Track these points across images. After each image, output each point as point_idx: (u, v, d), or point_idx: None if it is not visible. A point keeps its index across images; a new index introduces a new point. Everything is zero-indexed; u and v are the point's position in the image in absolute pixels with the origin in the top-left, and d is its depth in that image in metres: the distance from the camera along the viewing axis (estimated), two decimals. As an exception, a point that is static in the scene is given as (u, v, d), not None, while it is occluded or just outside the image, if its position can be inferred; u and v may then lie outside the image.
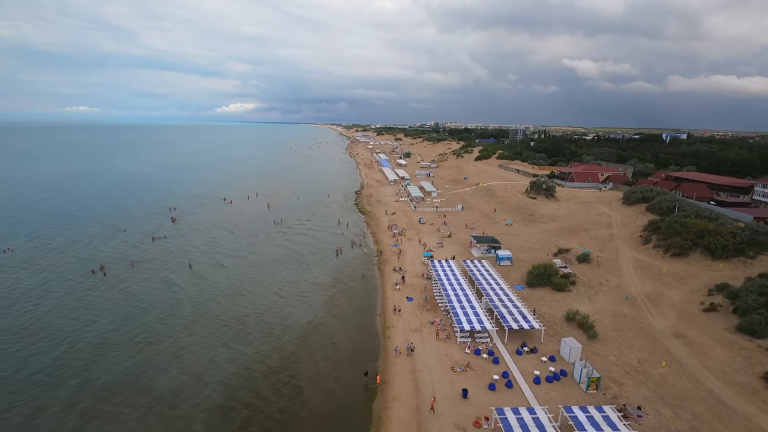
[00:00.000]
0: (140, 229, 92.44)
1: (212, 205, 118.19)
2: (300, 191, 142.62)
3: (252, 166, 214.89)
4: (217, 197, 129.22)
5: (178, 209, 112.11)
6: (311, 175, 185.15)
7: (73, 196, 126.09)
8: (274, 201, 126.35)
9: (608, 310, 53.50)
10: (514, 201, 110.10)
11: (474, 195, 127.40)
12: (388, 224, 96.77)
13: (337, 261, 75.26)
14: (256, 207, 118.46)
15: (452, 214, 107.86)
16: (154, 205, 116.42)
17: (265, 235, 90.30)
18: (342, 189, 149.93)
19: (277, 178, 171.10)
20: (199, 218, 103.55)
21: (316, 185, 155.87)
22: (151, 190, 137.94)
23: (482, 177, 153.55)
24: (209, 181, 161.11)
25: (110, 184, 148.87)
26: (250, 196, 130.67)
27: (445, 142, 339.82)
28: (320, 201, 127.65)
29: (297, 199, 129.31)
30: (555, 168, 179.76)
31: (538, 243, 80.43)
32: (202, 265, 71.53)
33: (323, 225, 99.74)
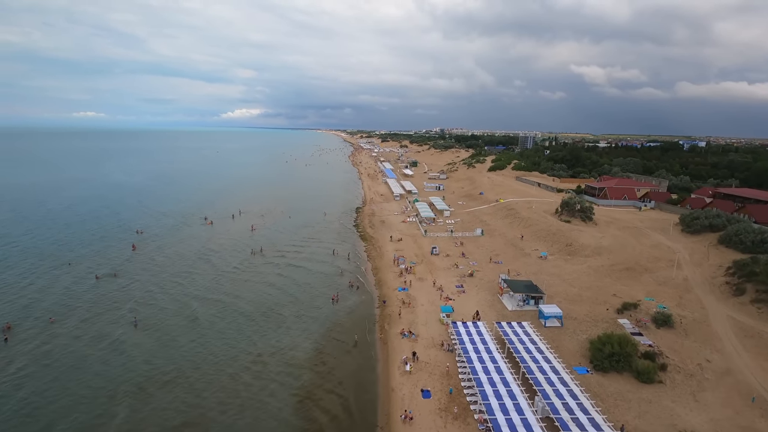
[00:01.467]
0: (90, 261, 74.74)
1: (188, 227, 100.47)
2: (293, 208, 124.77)
3: (246, 176, 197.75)
4: (198, 215, 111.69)
5: (147, 232, 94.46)
6: (309, 187, 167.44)
7: (33, 212, 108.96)
8: (261, 221, 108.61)
9: (734, 424, 34.62)
10: (544, 224, 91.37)
11: (494, 215, 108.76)
12: (393, 257, 78.34)
13: (325, 313, 56.96)
14: (240, 229, 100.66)
15: (471, 241, 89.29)
16: (121, 226, 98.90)
17: (238, 273, 72.22)
18: (341, 205, 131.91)
19: (271, 192, 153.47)
20: (165, 245, 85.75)
21: (312, 200, 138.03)
22: (126, 207, 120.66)
23: (499, 192, 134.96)
24: (195, 195, 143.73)
25: (86, 197, 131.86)
26: (236, 215, 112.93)
27: (453, 150, 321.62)
28: (315, 221, 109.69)
29: (288, 219, 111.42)
30: (579, 181, 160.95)
31: (588, 288, 61.65)
32: (142, 327, 53.47)
33: (314, 256, 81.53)
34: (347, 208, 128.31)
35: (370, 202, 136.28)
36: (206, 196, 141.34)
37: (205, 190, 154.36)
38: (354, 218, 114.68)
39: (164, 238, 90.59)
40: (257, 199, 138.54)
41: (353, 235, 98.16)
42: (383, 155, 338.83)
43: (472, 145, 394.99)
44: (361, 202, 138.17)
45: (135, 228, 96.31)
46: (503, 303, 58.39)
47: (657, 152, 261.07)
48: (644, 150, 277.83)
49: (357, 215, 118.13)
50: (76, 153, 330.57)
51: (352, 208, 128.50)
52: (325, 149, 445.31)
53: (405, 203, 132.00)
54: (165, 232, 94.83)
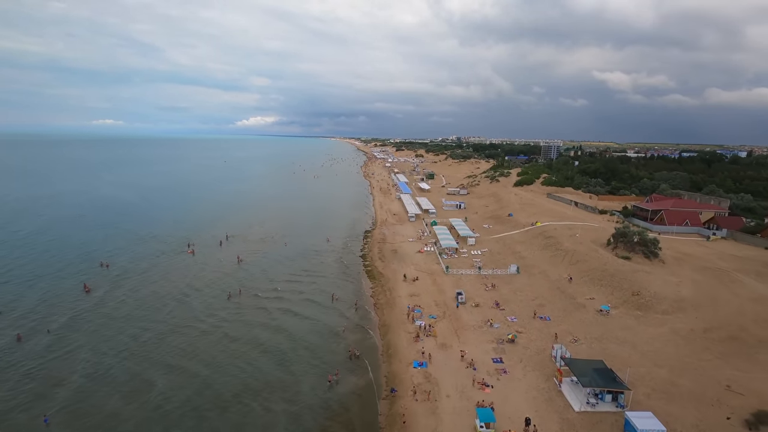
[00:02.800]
0: (24, 308, 60.34)
1: (164, 257, 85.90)
2: (292, 231, 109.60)
3: (246, 190, 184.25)
4: (181, 241, 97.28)
5: (114, 265, 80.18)
6: (313, 204, 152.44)
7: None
8: (253, 248, 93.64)
9: None
10: (597, 261, 73.77)
11: (529, 244, 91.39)
12: (407, 308, 61.84)
13: (313, 405, 40.78)
14: (225, 259, 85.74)
15: (504, 281, 72.25)
16: (85, 257, 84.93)
17: (206, 326, 56.74)
18: (348, 227, 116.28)
19: (270, 210, 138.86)
20: (128, 283, 71.10)
21: (315, 221, 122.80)
22: (102, 229, 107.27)
23: (531, 212, 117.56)
24: (184, 214, 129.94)
25: (61, 218, 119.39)
26: (223, 241, 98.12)
27: (472, 161, 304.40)
28: (316, 249, 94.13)
29: (284, 246, 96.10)
30: (620, 199, 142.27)
31: (683, 369, 44.15)
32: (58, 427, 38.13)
33: (308, 302, 65.70)
34: (355, 231, 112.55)
35: (382, 223, 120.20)
36: (196, 215, 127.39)
37: (197, 207, 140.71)
38: (362, 245, 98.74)
39: (131, 273, 75.98)
40: (253, 219, 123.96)
41: (359, 268, 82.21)
42: (397, 165, 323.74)
43: (491, 155, 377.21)
44: (371, 224, 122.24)
45: (101, 259, 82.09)
46: (565, 397, 41.21)
47: (699, 164, 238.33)
48: (684, 162, 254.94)
49: (365, 241, 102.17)
50: (77, 163, 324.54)
51: (361, 231, 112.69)
52: (337, 159, 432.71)
53: (421, 226, 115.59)
54: (135, 265, 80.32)
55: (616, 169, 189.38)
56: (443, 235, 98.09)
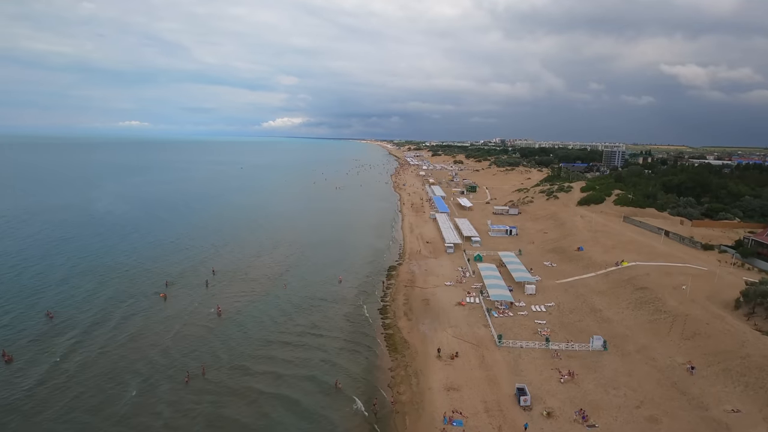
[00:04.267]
0: None
1: (130, 302, 72.59)
2: (296, 267, 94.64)
3: (255, 206, 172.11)
4: (158, 278, 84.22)
5: (62, 313, 67.49)
6: (329, 226, 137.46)
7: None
8: (242, 291, 79.30)
9: None
10: (727, 339, 53.63)
11: (615, 298, 71.64)
12: (442, 420, 44.29)
13: None
14: (203, 307, 71.51)
15: (585, 362, 53.33)
16: (33, 298, 72.92)
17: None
18: (367, 261, 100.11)
19: (275, 234, 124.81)
20: (61, 346, 57.56)
21: (327, 251, 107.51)
22: (70, 255, 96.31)
23: (607, 245, 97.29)
24: (173, 237, 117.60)
25: (31, 236, 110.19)
26: (209, 280, 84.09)
27: (521, 169, 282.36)
28: (321, 295, 78.46)
29: (283, 289, 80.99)
30: (722, 225, 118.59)
31: None
32: None
33: (301, 391, 49.47)
34: (376, 266, 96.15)
35: (411, 256, 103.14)
36: (187, 239, 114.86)
37: (191, 228, 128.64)
38: (383, 289, 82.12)
39: (74, 329, 62.67)
40: (251, 246, 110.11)
41: (377, 327, 65.74)
42: (433, 174, 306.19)
43: (543, 162, 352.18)
44: (398, 255, 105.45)
45: (48, 306, 69.59)
46: None
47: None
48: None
49: (389, 283, 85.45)
50: (86, 169, 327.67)
51: (383, 267, 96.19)
52: (365, 165, 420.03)
53: (462, 261, 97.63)
54: (85, 316, 67.22)
55: (708, 183, 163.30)
56: (492, 279, 79.73)
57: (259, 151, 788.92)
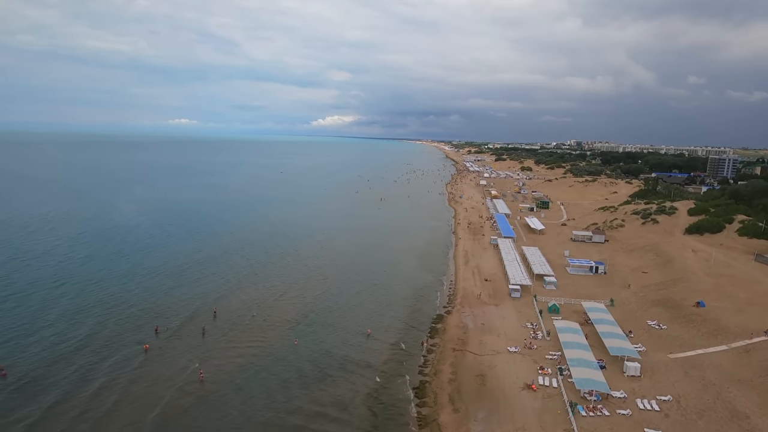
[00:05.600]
0: None
1: (104, 352, 62.90)
2: (315, 312, 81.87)
3: (285, 221, 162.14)
4: (148, 319, 74.59)
5: (19, 366, 58.69)
6: (366, 252, 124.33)
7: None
8: (242, 344, 67.92)
9: None
10: None
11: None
12: None
13: None
14: (186, 368, 60.06)
15: None
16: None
17: None
18: (407, 305, 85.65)
19: (302, 262, 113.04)
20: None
21: (359, 287, 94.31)
22: (56, 287, 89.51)
23: (734, 294, 76.42)
24: (181, 265, 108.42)
25: (38, 260, 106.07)
26: (206, 328, 72.87)
27: (603, 180, 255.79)
28: (339, 358, 64.94)
29: (293, 345, 68.16)
30: None
31: None
32: None
33: None
34: (418, 314, 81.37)
35: (464, 300, 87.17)
36: (197, 267, 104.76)
37: (206, 251, 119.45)
38: (424, 350, 67.20)
39: (27, 394, 53.09)
40: (268, 279, 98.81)
41: (409, 417, 51.14)
42: (496, 183, 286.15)
43: (631, 170, 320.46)
44: (447, 299, 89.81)
45: (2, 359, 61.05)
46: None
47: None
48: None
49: (431, 343, 70.26)
50: (121, 171, 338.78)
51: (428, 314, 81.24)
52: (417, 171, 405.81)
53: (531, 311, 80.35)
54: (44, 375, 57.77)
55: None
56: (575, 349, 62.23)
57: (304, 152, 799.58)
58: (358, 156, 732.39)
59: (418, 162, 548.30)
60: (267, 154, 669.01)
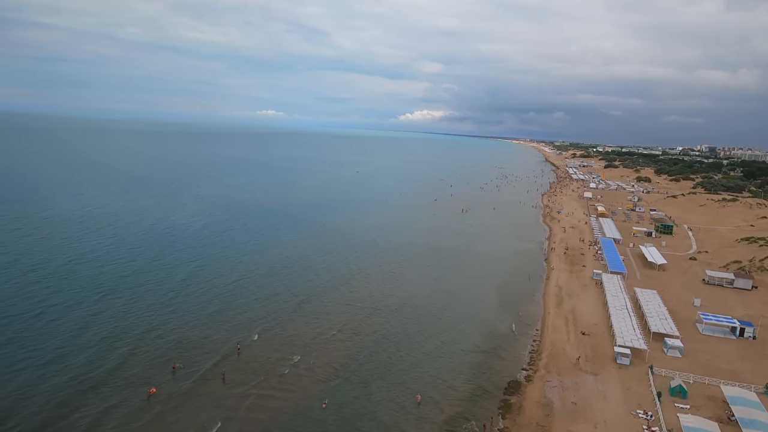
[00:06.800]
0: None
1: (98, 404, 56.96)
2: (359, 359, 71.48)
3: (347, 233, 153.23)
4: (168, 354, 68.60)
5: (17, 412, 54.48)
6: (432, 280, 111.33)
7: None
8: (261, 402, 59.17)
9: None
10: None
11: None
12: None
13: None
14: (191, 427, 52.27)
15: None
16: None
17: None
18: (475, 362, 72.77)
19: (355, 288, 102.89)
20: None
21: (416, 330, 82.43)
22: (79, 301, 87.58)
23: None
24: (226, 287, 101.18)
25: (81, 262, 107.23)
26: (227, 373, 64.81)
27: (748, 200, 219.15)
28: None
29: (321, 410, 58.21)
30: None
31: None
32: None
33: None
34: (486, 379, 67.67)
35: (551, 361, 71.75)
36: (237, 289, 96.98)
37: (252, 267, 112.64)
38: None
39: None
40: (312, 311, 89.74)
41: None
42: (604, 197, 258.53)
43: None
44: (528, 356, 74.88)
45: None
46: None
47: None
48: None
49: (503, 425, 56.59)
50: (198, 163, 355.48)
51: (500, 378, 67.33)
52: (509, 176, 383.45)
53: (645, 391, 63.22)
54: (36, 425, 52.91)
55: None
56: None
57: (387, 149, 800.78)
58: (444, 156, 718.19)
59: (511, 165, 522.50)
60: (347, 151, 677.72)
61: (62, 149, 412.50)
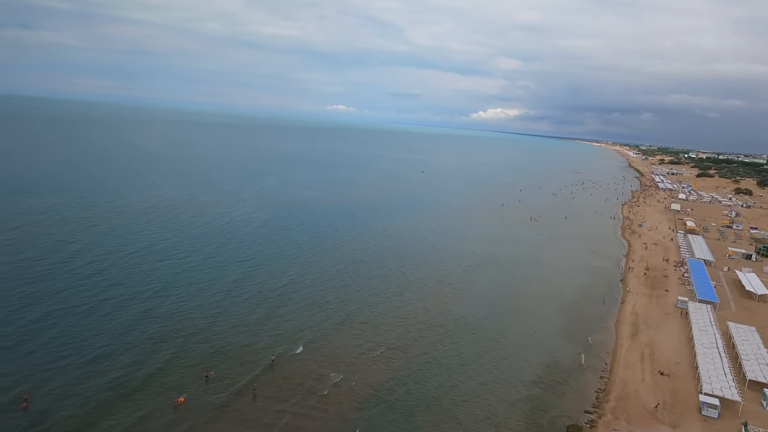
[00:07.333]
0: None
1: (125, 416, 57.14)
2: (390, 398, 67.40)
3: (401, 239, 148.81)
4: (204, 360, 68.25)
5: (36, 403, 55.83)
6: (490, 304, 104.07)
7: None
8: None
9: None
10: None
11: None
12: None
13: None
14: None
15: None
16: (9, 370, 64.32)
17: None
18: (526, 397, 66.70)
19: (417, 304, 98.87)
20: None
21: (464, 369, 76.67)
22: (122, 302, 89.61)
23: None
24: (283, 289, 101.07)
25: (127, 255, 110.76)
26: (258, 384, 63.46)
27: None
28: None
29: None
30: None
31: None
32: None
33: None
34: (539, 424, 61.32)
35: (622, 404, 64.30)
36: (300, 290, 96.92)
37: (315, 272, 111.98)
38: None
39: None
40: (375, 319, 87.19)
41: None
42: (696, 210, 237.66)
43: None
44: (593, 395, 67.76)
45: (26, 389, 58.93)
46: None
47: None
48: None
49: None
50: (265, 157, 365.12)
51: (558, 427, 60.80)
52: (586, 181, 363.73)
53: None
54: (66, 415, 53.79)
55: None
56: None
57: (456, 148, 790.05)
58: (516, 157, 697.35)
59: (589, 170, 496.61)
60: (414, 149, 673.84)
61: (138, 139, 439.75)
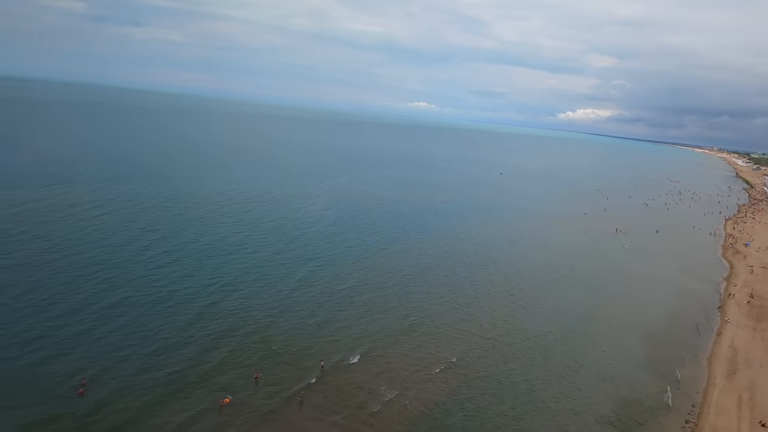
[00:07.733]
0: None
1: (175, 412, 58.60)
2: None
3: (471, 246, 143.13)
4: (256, 368, 69.09)
5: (93, 390, 58.65)
6: (564, 326, 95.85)
7: None
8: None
9: None
10: None
11: None
12: None
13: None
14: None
15: None
16: (78, 354, 67.89)
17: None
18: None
19: (485, 320, 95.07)
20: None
21: (522, 404, 70.87)
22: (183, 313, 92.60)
23: None
24: (345, 293, 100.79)
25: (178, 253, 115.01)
26: (306, 394, 62.86)
27: None
28: None
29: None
30: None
31: None
32: None
33: None
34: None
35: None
36: (363, 295, 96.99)
37: (384, 274, 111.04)
38: None
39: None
40: (438, 332, 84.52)
41: None
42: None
43: None
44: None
45: (87, 375, 62.01)
46: None
47: None
48: None
49: None
50: (346, 151, 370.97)
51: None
52: (684, 191, 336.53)
53: None
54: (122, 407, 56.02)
55: None
56: None
57: (539, 149, 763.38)
58: (605, 161, 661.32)
59: (689, 179, 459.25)
60: (494, 149, 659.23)
61: (226, 131, 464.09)
